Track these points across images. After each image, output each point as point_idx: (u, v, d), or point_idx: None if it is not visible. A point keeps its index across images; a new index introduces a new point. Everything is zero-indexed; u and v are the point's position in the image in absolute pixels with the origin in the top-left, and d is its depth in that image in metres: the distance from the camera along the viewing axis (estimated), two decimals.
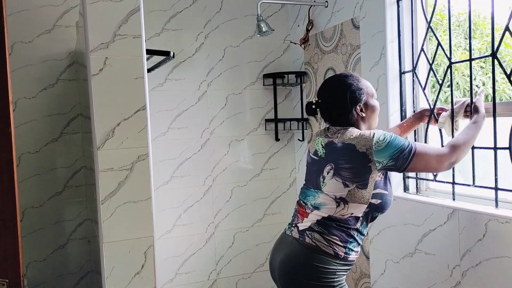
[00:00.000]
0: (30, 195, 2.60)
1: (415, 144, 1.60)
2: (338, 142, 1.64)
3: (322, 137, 1.72)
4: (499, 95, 2.51)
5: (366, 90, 1.71)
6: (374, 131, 1.60)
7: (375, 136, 1.57)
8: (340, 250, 1.62)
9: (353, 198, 1.61)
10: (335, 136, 1.67)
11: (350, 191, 1.60)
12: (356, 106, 1.68)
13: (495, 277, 1.75)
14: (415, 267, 2.15)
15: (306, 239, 1.64)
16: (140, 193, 1.71)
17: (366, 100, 1.70)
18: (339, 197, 1.62)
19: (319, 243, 1.62)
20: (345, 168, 1.60)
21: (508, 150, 1.73)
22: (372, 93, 1.73)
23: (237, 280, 3.13)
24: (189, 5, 2.95)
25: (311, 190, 1.72)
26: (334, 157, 1.64)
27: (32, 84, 2.61)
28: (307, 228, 1.66)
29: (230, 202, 3.10)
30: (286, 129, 3.18)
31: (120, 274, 1.69)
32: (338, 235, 1.62)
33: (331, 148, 1.66)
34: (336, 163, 1.62)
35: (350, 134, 1.62)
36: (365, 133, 1.60)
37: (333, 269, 1.61)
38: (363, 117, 1.70)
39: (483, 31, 2.87)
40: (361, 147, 1.58)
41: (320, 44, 2.85)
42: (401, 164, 1.57)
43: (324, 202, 1.65)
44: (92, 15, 1.65)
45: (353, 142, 1.59)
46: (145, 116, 1.71)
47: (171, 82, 2.93)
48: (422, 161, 1.58)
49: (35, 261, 2.63)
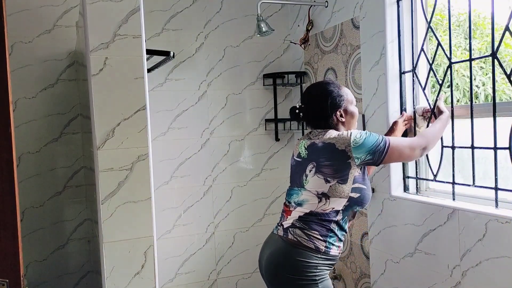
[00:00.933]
0: (30, 195, 2.60)
1: (388, 138, 1.77)
2: (319, 143, 1.78)
3: (305, 140, 1.86)
4: (499, 95, 2.51)
5: (346, 97, 1.86)
6: (351, 131, 1.77)
7: (352, 135, 1.74)
8: (320, 244, 1.73)
9: (334, 193, 1.74)
10: (316, 138, 1.82)
11: (331, 187, 1.74)
12: (336, 112, 1.84)
13: (495, 277, 1.75)
14: (415, 267, 2.15)
15: (289, 236, 1.77)
16: (140, 193, 1.71)
17: (345, 106, 1.85)
18: (321, 193, 1.75)
19: (300, 238, 1.74)
20: (325, 165, 1.74)
21: (508, 150, 1.73)
22: (352, 100, 1.89)
23: (237, 280, 3.13)
24: (189, 5, 2.95)
25: (294, 189, 1.85)
26: (315, 156, 1.78)
27: (32, 84, 2.61)
28: (290, 225, 1.79)
29: (230, 202, 3.10)
30: (286, 129, 3.18)
31: (120, 274, 1.69)
32: (318, 229, 1.74)
33: (313, 148, 1.79)
34: (318, 161, 1.76)
35: (330, 135, 1.78)
36: (343, 133, 1.77)
37: (315, 263, 1.72)
38: (342, 121, 1.85)
39: (483, 31, 2.87)
40: (340, 145, 1.73)
41: (320, 44, 2.85)
42: (378, 157, 1.74)
43: (307, 199, 1.78)
44: (92, 15, 1.65)
45: (333, 141, 1.75)
46: (145, 116, 1.71)
47: (171, 82, 2.93)
48: (396, 151, 1.76)
49: (35, 261, 2.63)
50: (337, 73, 2.70)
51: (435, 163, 2.10)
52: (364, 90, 2.45)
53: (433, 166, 2.12)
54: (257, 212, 3.17)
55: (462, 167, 2.04)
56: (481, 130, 1.88)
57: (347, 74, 2.60)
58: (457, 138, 1.98)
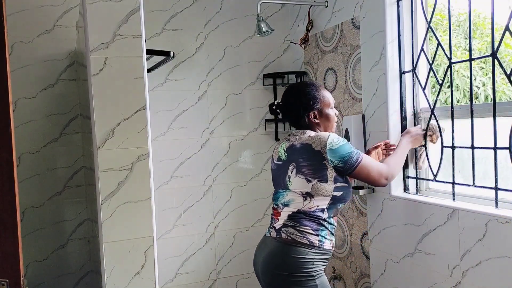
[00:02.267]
0: (30, 195, 2.60)
1: (363, 155, 1.80)
2: (297, 144, 1.82)
3: (284, 143, 1.90)
4: (499, 95, 2.51)
5: (323, 99, 1.90)
6: (330, 133, 1.80)
7: (330, 137, 1.77)
8: (314, 239, 1.77)
9: (317, 191, 1.77)
10: (294, 139, 1.85)
11: (314, 186, 1.77)
12: (309, 113, 1.88)
13: (495, 277, 1.75)
14: (415, 267, 2.15)
15: (282, 235, 1.80)
16: (140, 193, 1.71)
17: (320, 108, 1.89)
18: (305, 192, 1.78)
19: (294, 236, 1.77)
20: (304, 166, 1.78)
21: (508, 150, 1.73)
22: (329, 103, 1.91)
23: (237, 280, 3.13)
24: (189, 5, 2.95)
25: (280, 191, 1.88)
26: (294, 157, 1.81)
27: (32, 84, 2.61)
28: (281, 226, 1.82)
29: (230, 202, 3.10)
30: (286, 129, 3.17)
31: (120, 274, 1.69)
32: (309, 224, 1.78)
33: (292, 150, 1.83)
34: (297, 161, 1.80)
35: (308, 135, 1.82)
36: (320, 134, 1.80)
37: (311, 258, 1.76)
38: (317, 123, 1.89)
39: (483, 31, 2.87)
40: (316, 146, 1.76)
41: (320, 44, 2.85)
42: (348, 168, 1.77)
43: (292, 199, 1.81)
44: (92, 15, 1.65)
45: (310, 141, 1.78)
46: (145, 116, 1.71)
47: (171, 82, 2.93)
48: (365, 170, 1.79)
49: (35, 261, 2.63)
50: (337, 73, 2.70)
51: (435, 163, 2.10)
52: (364, 90, 2.45)
53: (433, 166, 2.12)
54: (257, 212, 3.17)
55: (462, 167, 2.04)
56: (481, 130, 1.88)
57: (347, 74, 2.60)
58: (457, 138, 1.98)
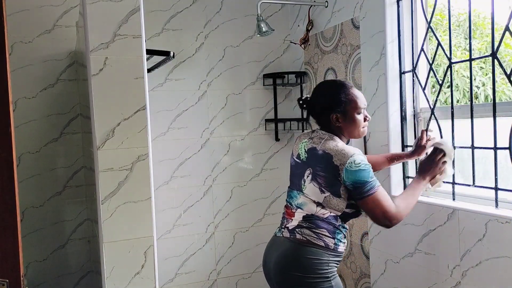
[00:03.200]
0: (30, 195, 2.60)
1: (379, 188, 1.65)
2: (319, 150, 1.72)
3: (306, 141, 1.80)
4: (499, 95, 2.51)
5: (351, 102, 1.75)
6: (356, 152, 1.66)
7: (353, 157, 1.64)
8: (330, 241, 1.71)
9: (329, 204, 1.70)
10: (318, 141, 1.75)
11: (326, 198, 1.70)
12: (333, 114, 1.76)
13: (495, 277, 1.75)
14: (415, 267, 2.15)
15: (297, 236, 1.73)
16: (140, 193, 1.71)
17: (346, 111, 1.75)
18: (317, 202, 1.72)
19: (309, 237, 1.71)
20: (320, 176, 1.70)
21: (508, 150, 1.73)
22: (356, 107, 1.76)
23: (237, 280, 3.13)
24: (189, 5, 2.95)
25: (294, 191, 1.82)
26: (313, 162, 1.73)
27: (32, 84, 2.61)
28: (296, 226, 1.75)
29: (230, 202, 3.10)
30: (286, 129, 3.18)
31: (120, 274, 1.69)
32: (325, 227, 1.71)
33: (313, 153, 1.74)
34: (314, 168, 1.72)
35: (333, 145, 1.70)
36: (346, 149, 1.67)
37: (326, 260, 1.70)
38: (339, 126, 1.77)
39: (483, 31, 2.87)
40: (336, 160, 1.66)
41: (320, 44, 2.85)
42: (356, 194, 1.66)
43: (305, 202, 1.75)
44: (92, 15, 1.65)
45: (332, 153, 1.67)
46: (145, 116, 1.71)
47: (171, 82, 2.93)
48: (373, 205, 1.64)
49: (35, 261, 2.63)
50: (337, 73, 2.70)
51: None
52: (364, 90, 2.45)
53: None
54: (257, 212, 3.16)
55: (462, 167, 2.04)
56: (481, 130, 1.88)
57: (347, 74, 2.60)
58: (457, 138, 1.98)
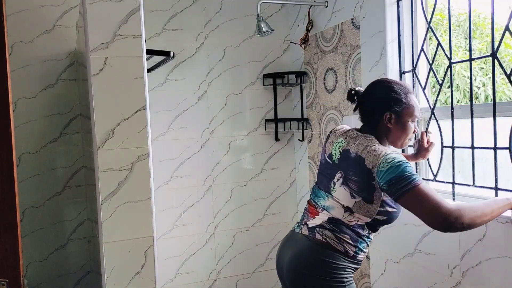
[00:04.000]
0: (30, 195, 2.60)
1: (422, 183, 1.47)
2: (352, 152, 1.61)
3: (342, 140, 1.69)
4: (499, 95, 2.51)
5: (408, 107, 1.64)
6: (388, 151, 1.54)
7: (385, 156, 1.51)
8: (350, 249, 1.64)
9: (359, 210, 1.61)
10: (352, 142, 1.64)
11: (357, 203, 1.60)
12: (386, 113, 1.63)
13: (495, 277, 1.74)
14: (415, 267, 2.15)
15: (317, 236, 1.66)
16: (140, 193, 1.71)
17: (401, 114, 1.63)
18: (346, 206, 1.62)
19: (330, 240, 1.63)
20: (352, 180, 1.59)
21: (508, 150, 1.73)
22: (412, 114, 1.65)
23: (237, 280, 3.13)
24: (189, 5, 2.95)
25: (322, 191, 1.73)
26: (345, 165, 1.63)
27: (32, 84, 2.61)
28: (317, 225, 1.67)
29: (230, 202, 3.10)
30: (286, 129, 3.18)
31: (120, 274, 1.69)
32: (349, 234, 1.63)
33: (345, 156, 1.64)
34: (346, 172, 1.62)
35: (365, 146, 1.58)
36: (378, 150, 1.54)
37: (343, 265, 1.64)
38: (389, 128, 1.65)
39: (483, 31, 2.87)
40: (368, 163, 1.54)
41: (320, 44, 2.85)
42: (394, 192, 1.49)
43: (333, 206, 1.66)
44: (92, 15, 1.65)
45: (364, 155, 1.56)
46: (145, 116, 1.71)
47: (171, 82, 2.93)
48: (418, 201, 1.45)
49: (35, 261, 2.63)
50: (337, 73, 2.70)
51: (435, 163, 2.10)
52: None
53: (433, 166, 2.11)
54: (257, 212, 3.16)
55: (462, 167, 2.04)
56: (481, 130, 1.88)
57: (347, 74, 2.60)
58: (457, 138, 1.98)
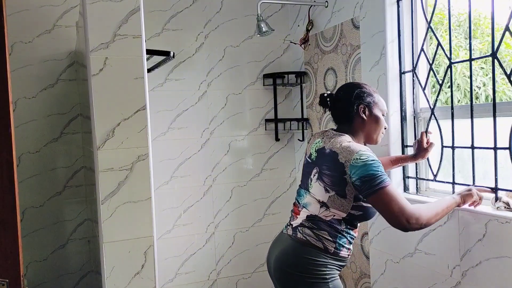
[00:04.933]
0: (30, 195, 2.60)
1: (391, 183, 1.58)
2: (327, 149, 1.72)
3: (319, 141, 1.81)
4: (499, 95, 2.51)
5: (377, 102, 1.79)
6: (363, 149, 1.63)
7: (359, 152, 1.61)
8: (329, 245, 1.69)
9: (334, 204, 1.69)
10: (328, 140, 1.75)
11: (331, 197, 1.68)
12: (360, 106, 1.75)
13: (495, 277, 1.75)
14: (415, 267, 2.15)
15: (298, 234, 1.74)
16: (140, 193, 1.71)
17: (373, 107, 1.77)
18: (322, 201, 1.71)
19: (310, 238, 1.71)
20: (326, 175, 1.69)
21: (508, 150, 1.73)
22: (382, 109, 1.80)
23: (237, 280, 3.13)
24: (189, 5, 2.95)
25: (302, 190, 1.83)
26: (320, 161, 1.74)
27: (32, 84, 2.61)
28: (298, 224, 1.76)
29: (230, 202, 3.10)
30: (286, 129, 3.18)
31: (120, 274, 1.69)
32: (327, 230, 1.70)
33: (321, 153, 1.75)
34: (321, 167, 1.72)
35: (340, 143, 1.68)
36: (352, 146, 1.64)
37: (324, 261, 1.69)
38: (364, 119, 1.76)
39: (483, 31, 2.87)
40: (341, 158, 1.64)
41: (320, 44, 2.85)
42: (366, 189, 1.58)
43: (310, 202, 1.75)
44: (92, 15, 1.65)
45: (338, 151, 1.66)
46: (145, 116, 1.71)
47: (171, 82, 2.93)
48: (387, 199, 1.56)
49: (35, 261, 2.63)
50: (337, 73, 2.70)
51: (435, 163, 2.10)
52: None
53: (433, 166, 2.11)
54: (257, 212, 3.16)
55: (462, 167, 2.04)
56: (481, 130, 1.88)
57: (347, 74, 2.60)
58: (457, 138, 1.98)
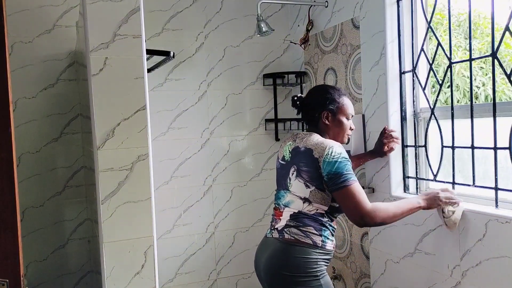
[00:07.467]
0: (30, 195, 2.60)
1: (355, 183, 1.69)
2: (302, 147, 1.81)
3: (290, 143, 1.89)
4: (499, 95, 2.51)
5: (342, 106, 1.89)
6: (335, 144, 1.75)
7: (332, 149, 1.72)
8: (317, 239, 1.76)
9: (315, 199, 1.77)
10: (300, 140, 1.84)
11: (312, 192, 1.76)
12: (323, 112, 1.87)
13: (495, 277, 1.75)
14: (415, 267, 2.15)
15: (286, 236, 1.78)
16: (140, 193, 1.71)
17: (335, 112, 1.88)
18: (303, 197, 1.78)
19: (297, 236, 1.76)
20: (304, 171, 1.77)
21: (508, 150, 1.73)
22: (346, 112, 1.90)
23: (237, 280, 3.13)
24: (189, 5, 2.95)
25: (281, 191, 1.89)
26: (297, 159, 1.81)
27: (32, 84, 2.61)
28: (284, 226, 1.80)
29: (230, 202, 3.10)
30: (286, 129, 3.17)
31: (120, 274, 1.69)
32: (312, 225, 1.76)
33: (296, 152, 1.83)
34: (298, 165, 1.80)
35: (313, 140, 1.79)
36: (325, 142, 1.76)
37: (314, 258, 1.74)
38: (327, 124, 1.88)
39: (483, 30, 2.87)
40: (315, 153, 1.74)
41: (320, 44, 2.85)
42: (330, 185, 1.71)
43: (293, 200, 1.81)
44: (92, 15, 1.65)
45: (312, 147, 1.76)
46: (145, 116, 1.71)
47: (171, 82, 2.93)
48: (346, 197, 1.68)
49: (35, 261, 2.63)
50: (337, 73, 2.70)
51: (435, 163, 2.10)
52: (364, 90, 2.45)
53: (433, 166, 2.12)
54: (257, 212, 3.16)
55: (462, 167, 2.04)
56: (481, 130, 1.88)
57: (347, 74, 2.60)
58: (457, 138, 1.98)
